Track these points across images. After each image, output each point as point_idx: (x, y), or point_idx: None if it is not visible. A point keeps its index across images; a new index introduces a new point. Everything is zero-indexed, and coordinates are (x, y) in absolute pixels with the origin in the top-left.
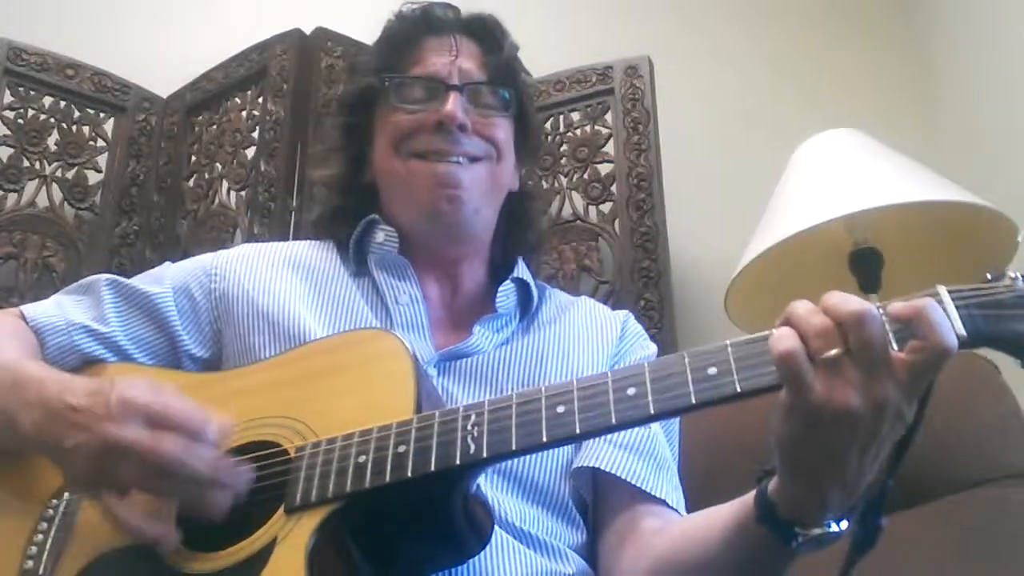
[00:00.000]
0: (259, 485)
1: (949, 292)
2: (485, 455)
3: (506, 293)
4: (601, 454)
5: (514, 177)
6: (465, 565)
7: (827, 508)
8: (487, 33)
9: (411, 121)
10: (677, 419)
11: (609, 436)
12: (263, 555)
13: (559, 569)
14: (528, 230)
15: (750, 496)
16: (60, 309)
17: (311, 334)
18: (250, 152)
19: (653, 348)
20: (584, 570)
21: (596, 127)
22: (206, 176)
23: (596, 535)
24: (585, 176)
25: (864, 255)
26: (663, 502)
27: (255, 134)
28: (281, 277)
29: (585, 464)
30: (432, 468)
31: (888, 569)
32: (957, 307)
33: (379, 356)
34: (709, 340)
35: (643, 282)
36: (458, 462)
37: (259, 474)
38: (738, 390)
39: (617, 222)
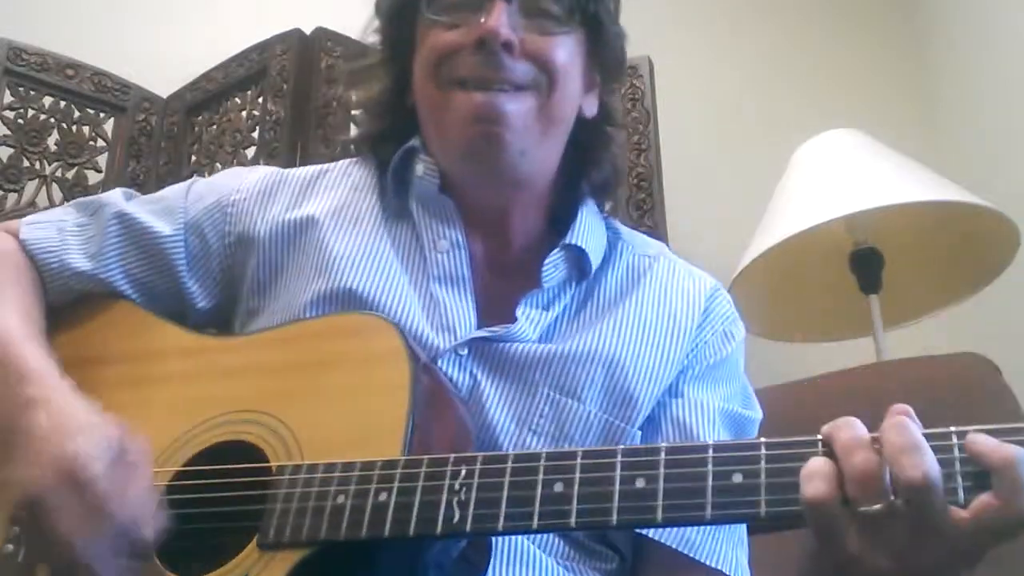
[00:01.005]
0: (234, 509)
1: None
2: (468, 528)
3: (554, 264)
4: None
5: (587, 100)
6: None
7: None
8: None
9: (447, 42)
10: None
11: None
12: None
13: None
14: (598, 166)
15: None
16: (61, 240)
17: (322, 302)
18: (250, 152)
19: (741, 334)
20: None
21: None
22: (206, 176)
23: None
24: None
25: (864, 255)
26: (718, 571)
27: (255, 134)
28: (300, 224)
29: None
30: (411, 533)
31: None
32: None
33: (376, 357)
34: None
35: None
36: (439, 531)
37: (236, 493)
38: (762, 515)
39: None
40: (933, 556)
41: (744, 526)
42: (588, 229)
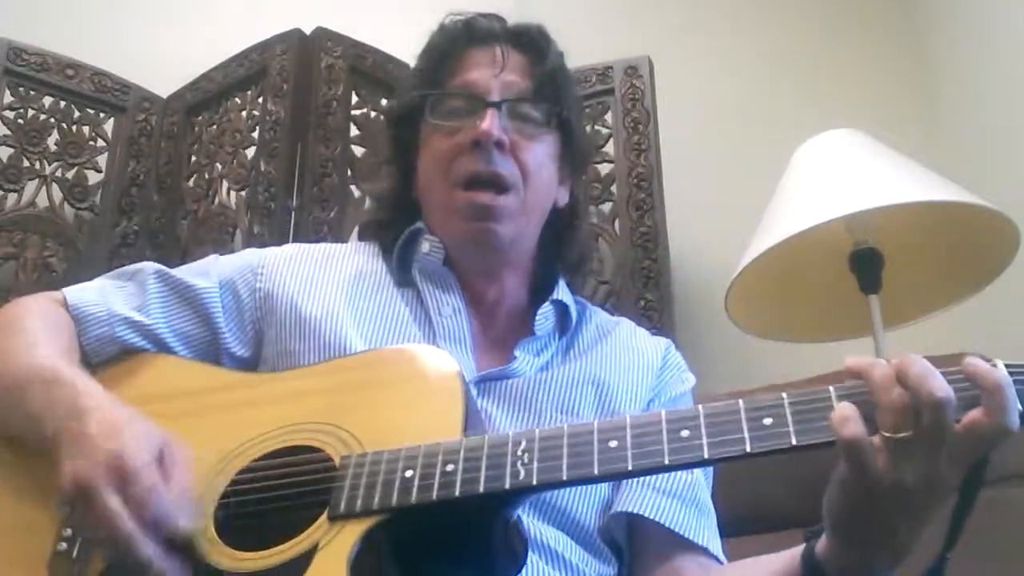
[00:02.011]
0: (303, 489)
1: (1007, 368)
2: (535, 482)
3: (545, 315)
4: (643, 499)
5: (560, 191)
6: None
7: (874, 571)
8: (533, 44)
9: (450, 145)
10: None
11: (650, 481)
12: (304, 560)
13: None
14: (569, 248)
15: (795, 554)
16: (103, 296)
17: (352, 345)
18: (250, 152)
19: (692, 380)
20: None
21: (596, 127)
22: (206, 176)
23: None
24: (585, 176)
25: (864, 255)
26: (705, 550)
27: (255, 134)
28: (326, 282)
29: (627, 509)
30: (481, 489)
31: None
32: (1015, 382)
33: (428, 373)
34: (709, 340)
35: (643, 282)
36: (508, 486)
37: (303, 477)
38: (793, 443)
39: (617, 222)
40: (941, 463)
41: (715, 519)
42: (566, 294)
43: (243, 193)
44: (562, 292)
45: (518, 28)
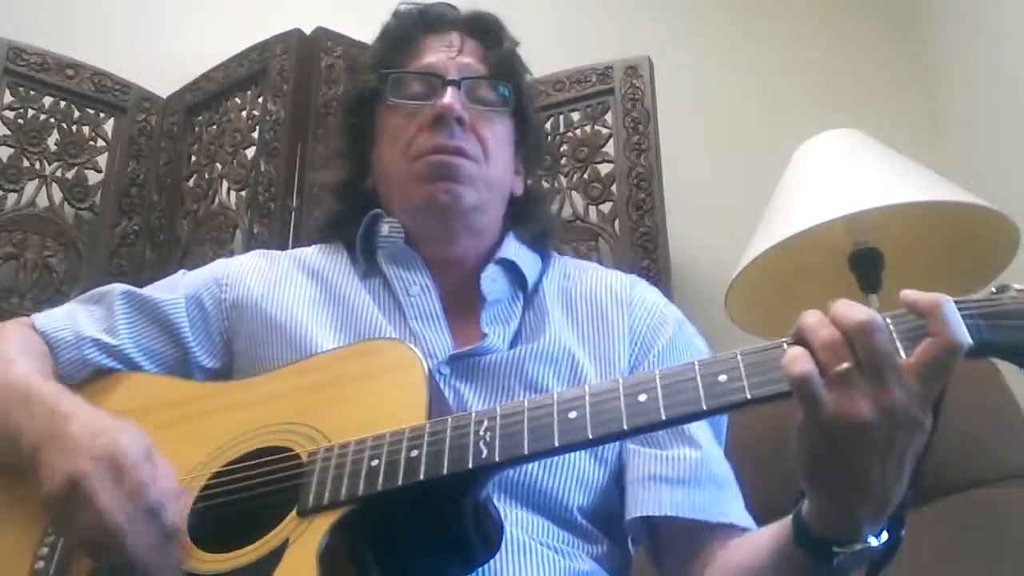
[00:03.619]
0: (272, 488)
1: (955, 302)
2: (498, 459)
3: (491, 277)
4: (655, 498)
5: (515, 181)
6: (481, 568)
7: (860, 523)
8: (487, 30)
9: (411, 125)
10: (724, 420)
11: (658, 472)
12: (275, 557)
13: (577, 567)
14: (533, 225)
15: (788, 519)
16: (71, 320)
17: (321, 345)
18: (250, 152)
19: (673, 319)
20: (598, 572)
21: (596, 127)
22: (206, 176)
23: None
24: (585, 176)
25: (864, 255)
26: (730, 526)
27: (255, 134)
28: (291, 285)
29: (641, 514)
30: (444, 471)
31: (888, 569)
32: (963, 317)
33: (391, 367)
34: (709, 340)
35: None
36: (471, 466)
37: (271, 477)
38: (748, 397)
39: (617, 222)
40: (894, 393)
41: (735, 482)
42: (516, 252)
43: (243, 193)
44: (512, 251)
45: (472, 15)
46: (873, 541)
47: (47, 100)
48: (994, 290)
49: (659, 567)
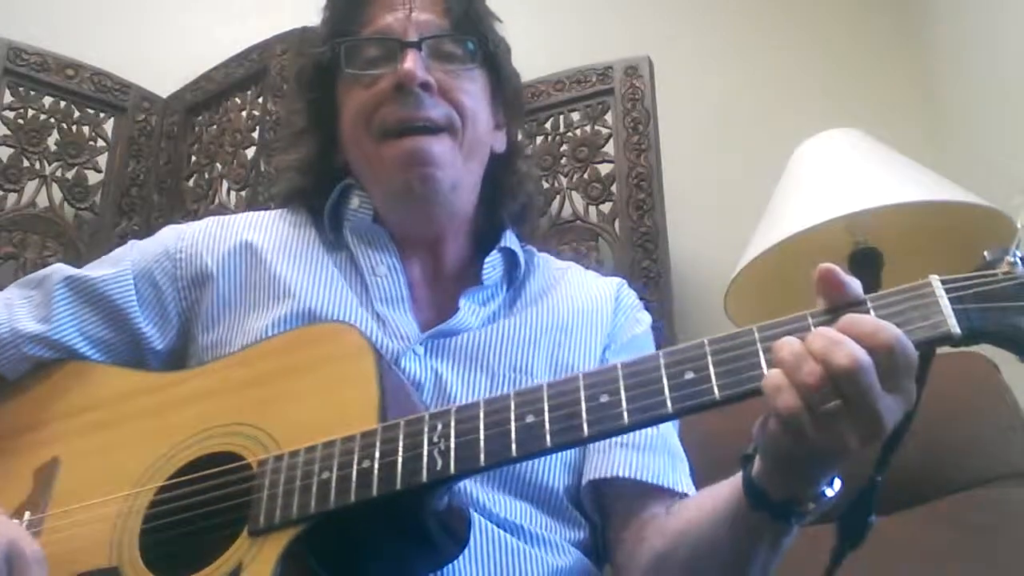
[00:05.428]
0: (222, 505)
1: (942, 283)
2: (453, 471)
3: (492, 264)
4: (612, 461)
5: (497, 137)
6: (453, 563)
7: (818, 483)
8: None
9: (371, 95)
10: None
11: (616, 440)
12: None
13: (554, 561)
14: (514, 196)
15: (737, 483)
16: (9, 313)
17: (279, 324)
18: (250, 152)
19: (647, 320)
20: (582, 562)
21: (596, 127)
22: (206, 176)
23: (614, 543)
24: (585, 176)
25: (864, 255)
26: (683, 495)
27: (255, 134)
28: (249, 258)
29: (599, 476)
30: (398, 486)
31: (888, 569)
32: (951, 300)
33: (340, 355)
34: None
35: (643, 282)
36: (425, 479)
37: (222, 492)
38: (717, 398)
39: (617, 222)
40: (887, 421)
41: (680, 447)
42: (513, 242)
43: (243, 193)
44: (510, 240)
45: None
46: (829, 492)
47: (47, 100)
48: (987, 257)
49: (605, 536)
